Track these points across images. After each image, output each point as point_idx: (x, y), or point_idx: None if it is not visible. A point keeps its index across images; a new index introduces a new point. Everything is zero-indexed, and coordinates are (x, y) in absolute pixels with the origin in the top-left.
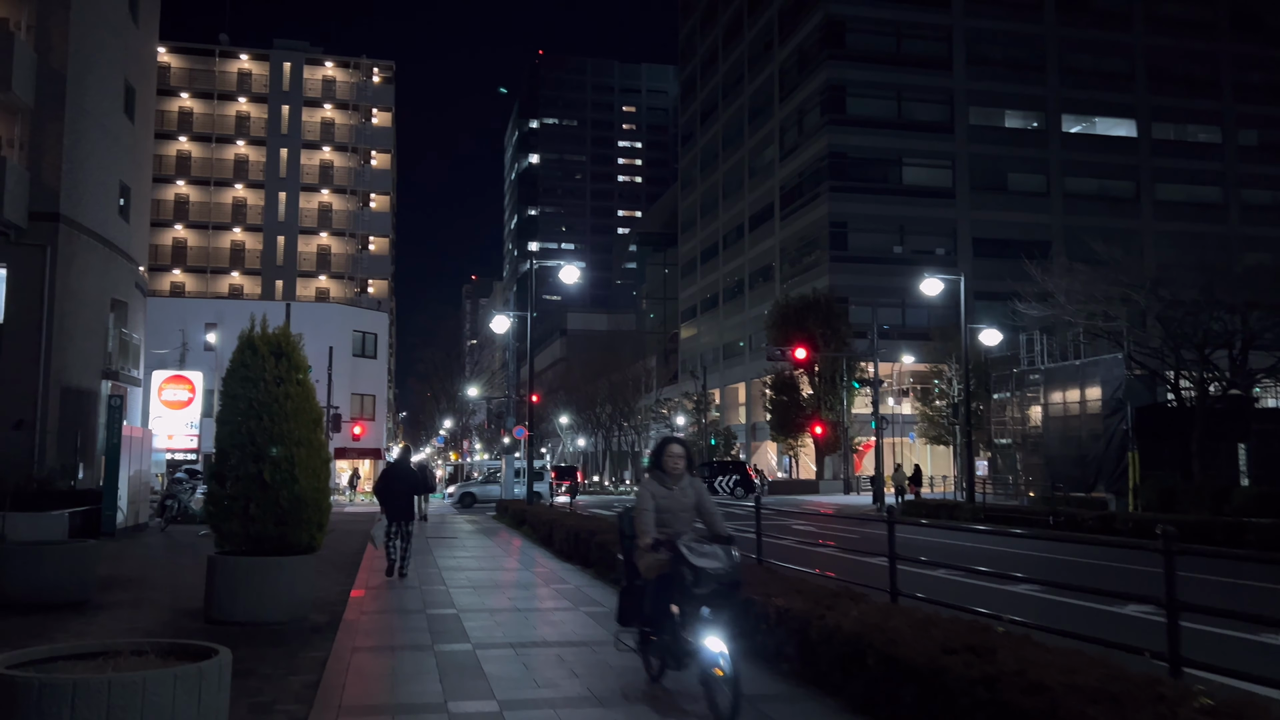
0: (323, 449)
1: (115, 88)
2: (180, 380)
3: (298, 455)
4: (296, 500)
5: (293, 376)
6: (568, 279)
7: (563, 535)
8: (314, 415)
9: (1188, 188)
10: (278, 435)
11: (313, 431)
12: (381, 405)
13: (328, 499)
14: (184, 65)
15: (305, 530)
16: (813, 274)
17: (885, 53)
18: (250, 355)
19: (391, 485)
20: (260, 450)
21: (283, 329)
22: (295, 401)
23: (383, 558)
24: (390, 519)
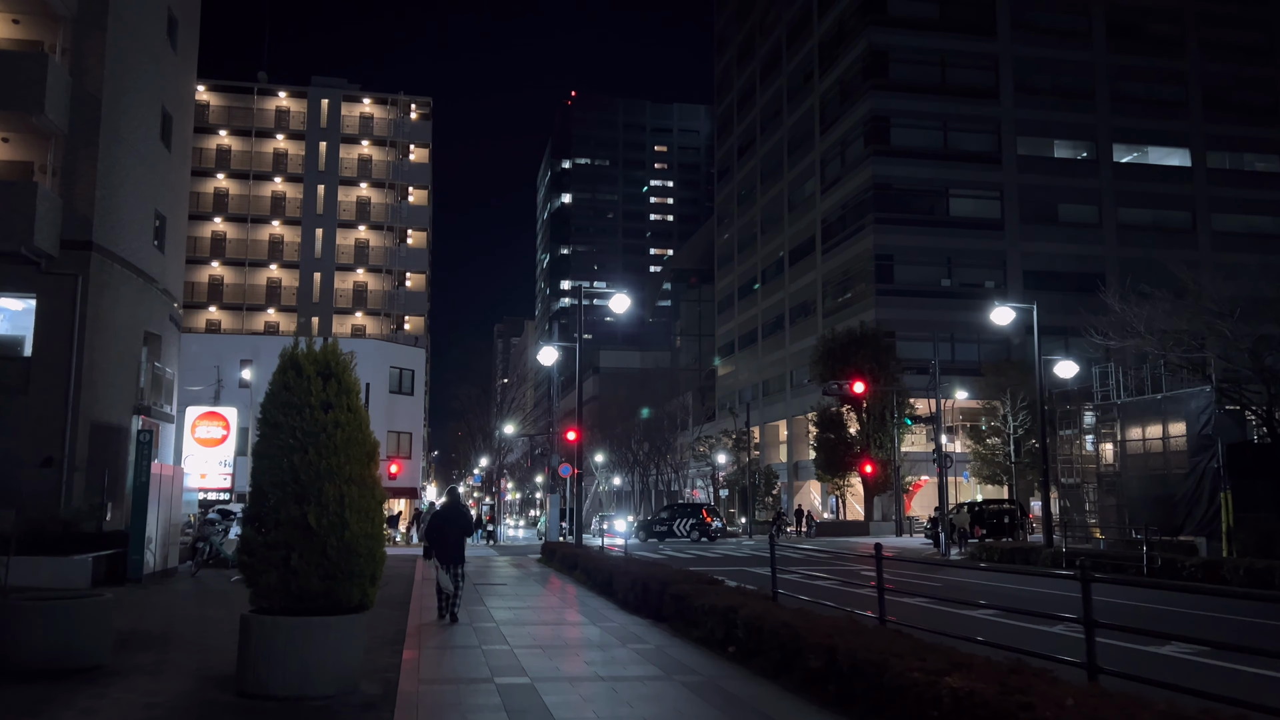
0: (376, 488)
1: (152, 114)
2: (214, 417)
3: (349, 495)
4: (347, 549)
5: (343, 402)
6: (618, 308)
7: (626, 584)
8: (368, 448)
9: (1246, 218)
10: (326, 471)
11: (366, 467)
12: (418, 444)
13: (382, 547)
14: (222, 103)
15: (356, 585)
16: (858, 308)
17: (930, 82)
18: (294, 377)
19: (444, 528)
20: (305, 489)
21: (332, 344)
22: (346, 431)
23: (431, 601)
24: (442, 562)
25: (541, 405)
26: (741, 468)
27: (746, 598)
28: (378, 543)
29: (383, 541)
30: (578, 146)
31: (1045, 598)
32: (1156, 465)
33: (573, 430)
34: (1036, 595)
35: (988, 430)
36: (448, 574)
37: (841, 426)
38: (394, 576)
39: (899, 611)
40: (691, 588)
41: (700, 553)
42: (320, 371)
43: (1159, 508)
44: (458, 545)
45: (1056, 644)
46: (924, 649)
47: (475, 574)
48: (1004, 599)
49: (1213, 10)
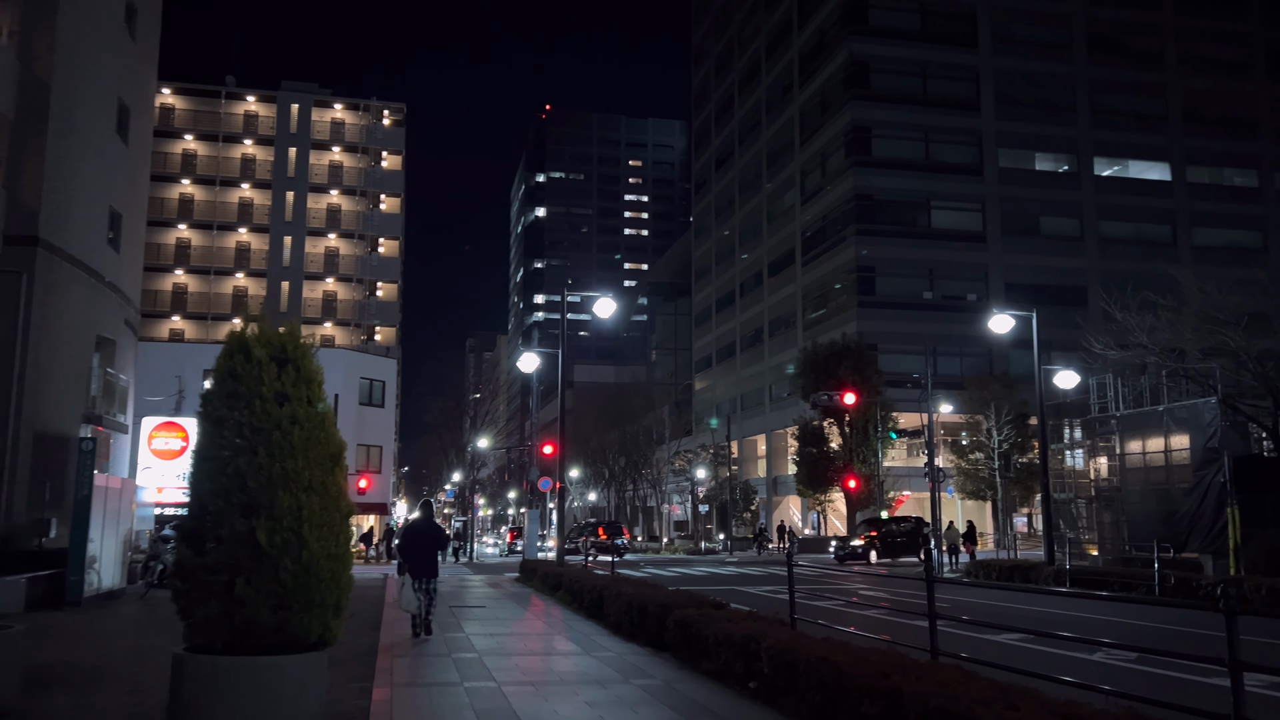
0: (342, 498)
1: (108, 106)
2: (172, 428)
3: (308, 507)
4: (305, 572)
5: (303, 394)
6: (603, 311)
7: (620, 607)
8: (332, 450)
9: (1227, 232)
10: (280, 477)
11: (329, 473)
12: (388, 457)
13: (348, 569)
14: (189, 106)
15: (316, 616)
16: (839, 320)
17: (911, 93)
18: (242, 363)
19: (415, 542)
20: (254, 499)
21: (290, 325)
22: (306, 429)
23: (404, 626)
24: (414, 576)
25: (515, 420)
26: (720, 483)
27: (765, 625)
28: (343, 564)
29: (349, 562)
30: (552, 160)
31: (1076, 621)
32: (1158, 479)
33: (550, 444)
34: (1065, 618)
35: (970, 445)
36: (417, 589)
37: (824, 440)
38: (363, 598)
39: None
40: (698, 612)
41: (684, 571)
42: (275, 356)
43: (1162, 524)
44: (430, 559)
45: (1143, 682)
46: (1011, 694)
47: (450, 595)
48: (1031, 622)
49: (1192, 25)
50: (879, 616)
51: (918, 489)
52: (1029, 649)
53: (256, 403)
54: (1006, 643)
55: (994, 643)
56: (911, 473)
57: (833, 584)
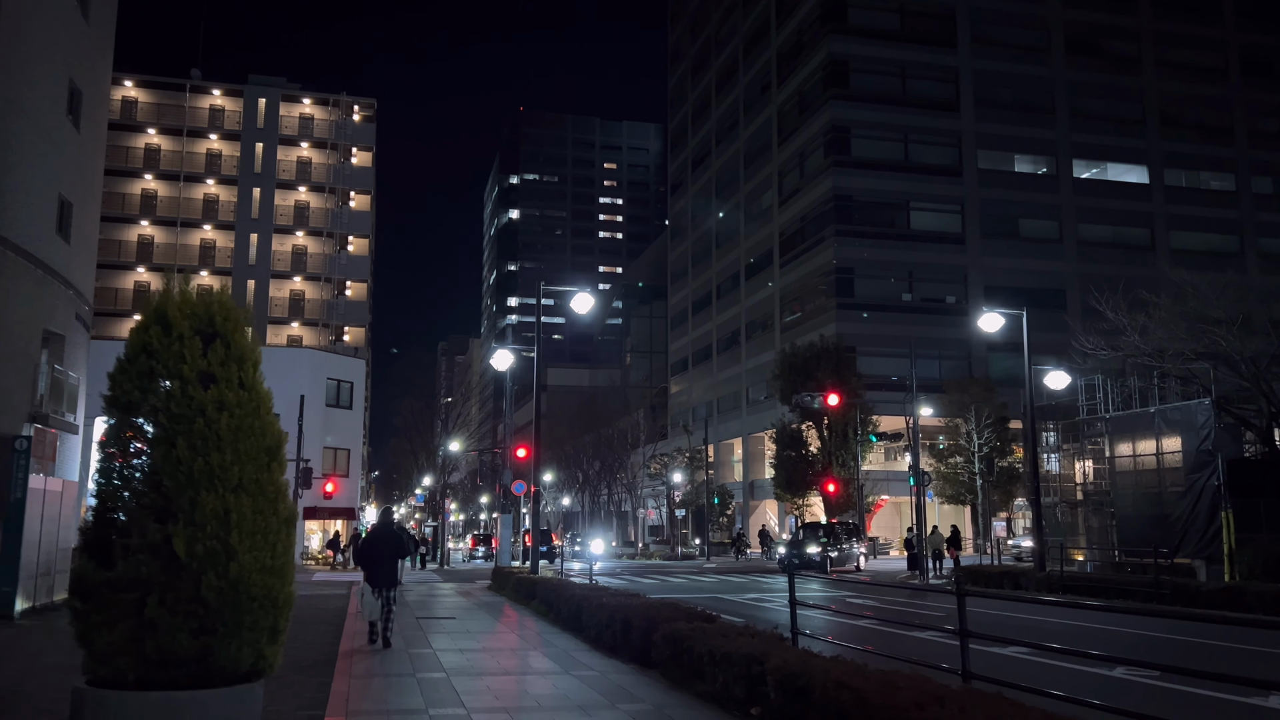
0: (281, 500)
1: (58, 88)
2: None
3: (237, 510)
4: (233, 589)
5: (233, 374)
6: (580, 307)
7: (601, 619)
8: (269, 442)
9: (1204, 236)
10: (203, 474)
11: (265, 469)
12: (356, 461)
13: (289, 585)
14: (151, 100)
15: (247, 642)
16: (817, 322)
17: (890, 93)
18: (159, 336)
19: (375, 549)
20: (170, 501)
21: (220, 293)
22: (236, 417)
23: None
24: (374, 585)
25: (488, 423)
26: (696, 487)
27: (765, 642)
28: (281, 579)
29: (289, 576)
30: (526, 162)
31: (1083, 633)
32: (1149, 482)
33: (523, 447)
34: (1069, 629)
35: (948, 448)
36: (377, 597)
37: (803, 444)
38: (323, 609)
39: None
40: (688, 626)
41: (663, 578)
42: (199, 329)
43: (1153, 528)
44: (390, 568)
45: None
46: None
47: (418, 604)
48: (1035, 633)
49: (1169, 30)
50: (873, 628)
51: (896, 493)
52: (1044, 665)
53: (175, 384)
54: (1015, 656)
55: (1001, 657)
56: (891, 476)
57: (810, 592)
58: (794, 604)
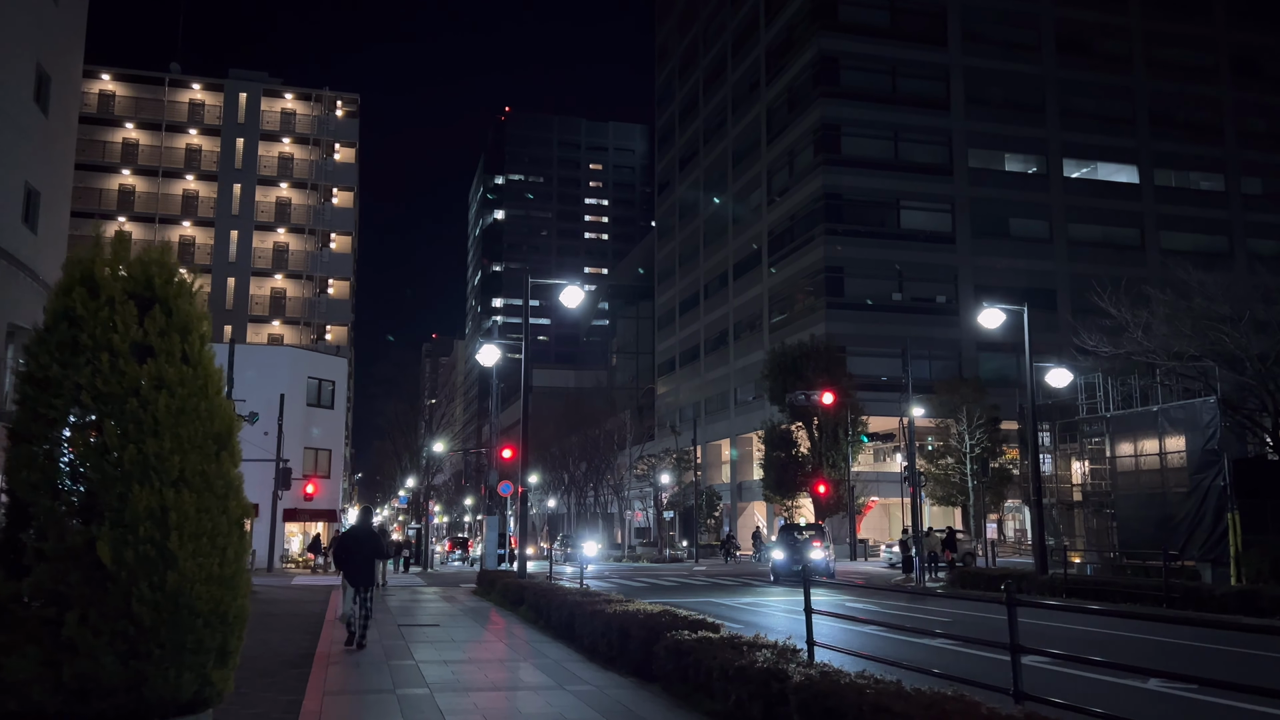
0: (233, 497)
1: (23, 71)
2: None
3: (178, 508)
4: (171, 604)
5: (175, 347)
6: (570, 301)
7: (596, 628)
8: (217, 427)
9: (1193, 236)
10: (136, 465)
11: (213, 460)
12: (338, 462)
13: (242, 598)
14: (130, 94)
15: (189, 665)
16: (807, 321)
17: (881, 91)
18: (85, 300)
19: (352, 550)
20: (96, 497)
21: (157, 250)
22: (178, 397)
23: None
24: (351, 585)
25: (472, 425)
26: (684, 488)
27: (781, 656)
28: (232, 590)
29: (242, 587)
30: (511, 163)
31: (1100, 640)
32: (1152, 483)
33: (509, 447)
34: (1084, 636)
35: (940, 449)
36: (354, 599)
37: (792, 444)
38: (299, 614)
39: (954, 663)
40: (693, 637)
41: (653, 581)
42: (135, 293)
43: (1157, 529)
44: (367, 567)
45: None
46: None
47: (400, 610)
48: (1048, 640)
49: (1159, 29)
50: (881, 634)
51: (886, 494)
52: (1072, 676)
53: (104, 358)
54: (1037, 666)
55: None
56: (881, 478)
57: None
58: (810, 612)
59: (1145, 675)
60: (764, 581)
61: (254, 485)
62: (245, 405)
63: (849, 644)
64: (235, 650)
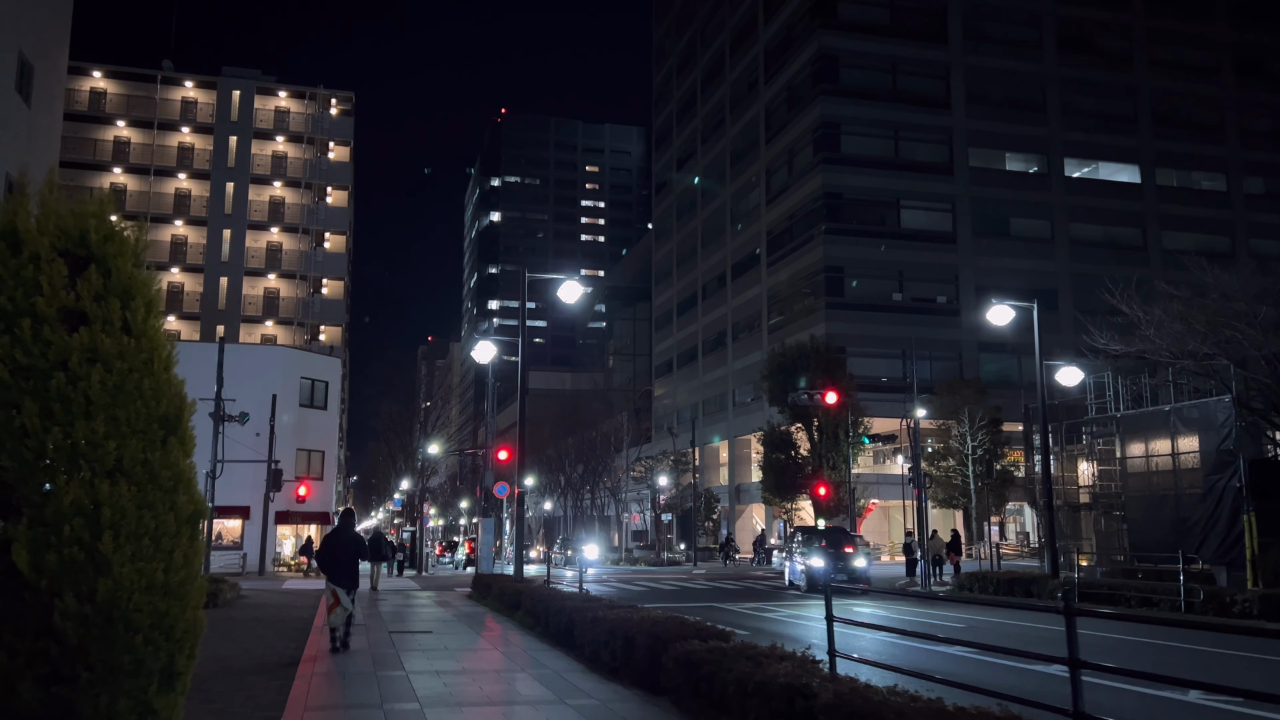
0: (185, 490)
1: (4, 59)
2: None
3: (113, 504)
4: (104, 616)
5: (113, 314)
6: (568, 296)
7: (599, 636)
8: (164, 409)
9: (1195, 236)
10: (63, 453)
11: (158, 448)
12: (331, 463)
13: (194, 607)
14: (121, 91)
15: (126, 691)
16: (806, 322)
17: (881, 89)
18: (4, 258)
19: (336, 552)
20: (12, 491)
21: (95, 201)
22: (116, 372)
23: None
24: (334, 584)
25: (468, 427)
26: (681, 490)
27: (803, 669)
28: (180, 601)
29: (195, 597)
30: (507, 165)
31: (1126, 647)
32: (1163, 484)
33: (505, 449)
34: (1111, 643)
35: (941, 451)
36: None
37: (792, 446)
38: (285, 620)
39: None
40: (704, 647)
41: (654, 585)
42: (66, 250)
43: (1169, 531)
44: (351, 569)
45: None
46: None
47: (393, 615)
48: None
49: (1161, 27)
50: (898, 642)
51: (887, 496)
52: (1107, 688)
53: (25, 324)
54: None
55: (1053, 679)
56: (881, 480)
57: (811, 603)
58: (831, 620)
59: (1185, 687)
60: (764, 584)
61: (246, 487)
62: (236, 405)
63: (865, 653)
64: (185, 671)
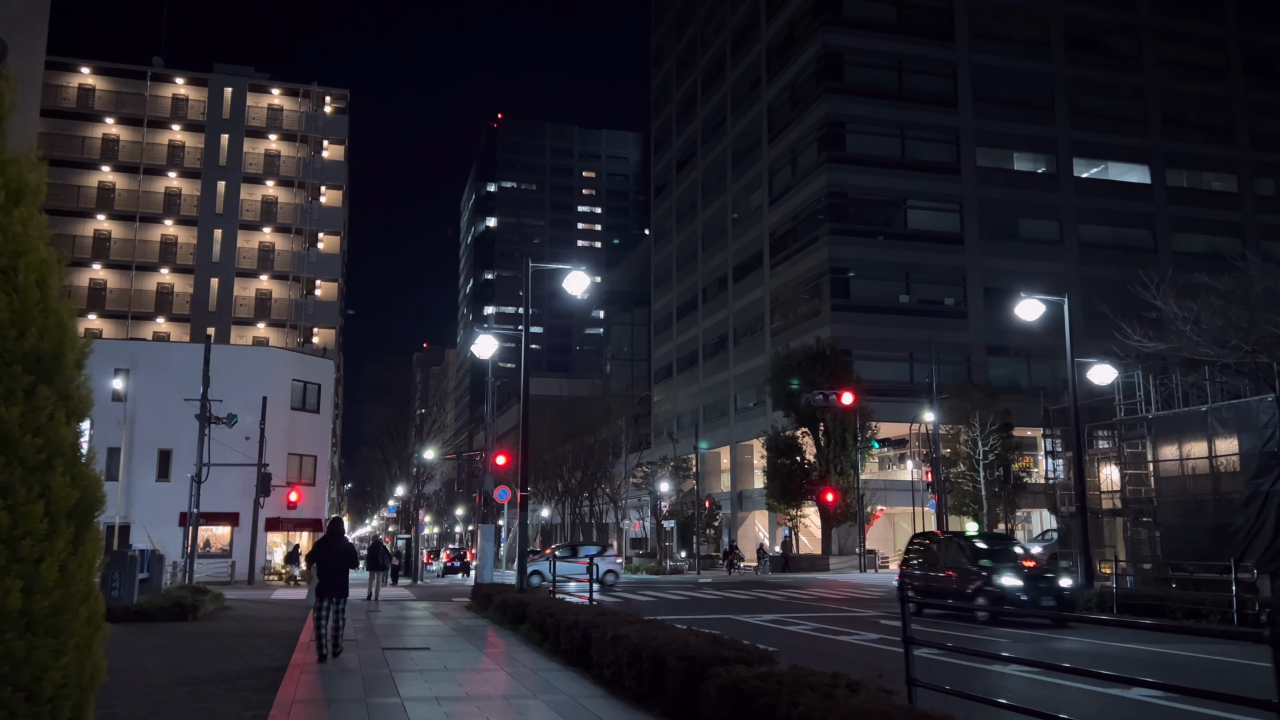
0: (67, 468)
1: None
2: None
3: None
4: None
5: None
6: (575, 287)
7: (620, 657)
8: (33, 344)
9: (1206, 238)
10: None
11: (17, 400)
12: (324, 468)
13: (83, 646)
14: (111, 88)
15: None
16: (810, 324)
17: (887, 88)
18: None
19: (325, 560)
20: None
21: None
22: None
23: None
24: (323, 595)
25: (463, 433)
26: (682, 496)
27: (876, 703)
28: (52, 640)
29: (85, 635)
30: (503, 170)
31: (1186, 665)
32: (1200, 489)
33: (503, 454)
34: (1170, 661)
35: (948, 456)
36: (325, 608)
37: (798, 451)
38: (269, 634)
39: (1064, 701)
40: (752, 674)
41: (661, 595)
42: None
43: (1209, 539)
44: (341, 578)
45: None
46: None
47: (386, 629)
48: (1130, 666)
49: (1170, 27)
50: (941, 659)
51: (894, 503)
52: (1187, 713)
53: None
54: (1147, 701)
55: (1133, 704)
56: (889, 486)
57: (843, 610)
58: (910, 643)
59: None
60: (775, 592)
61: (235, 493)
62: (224, 407)
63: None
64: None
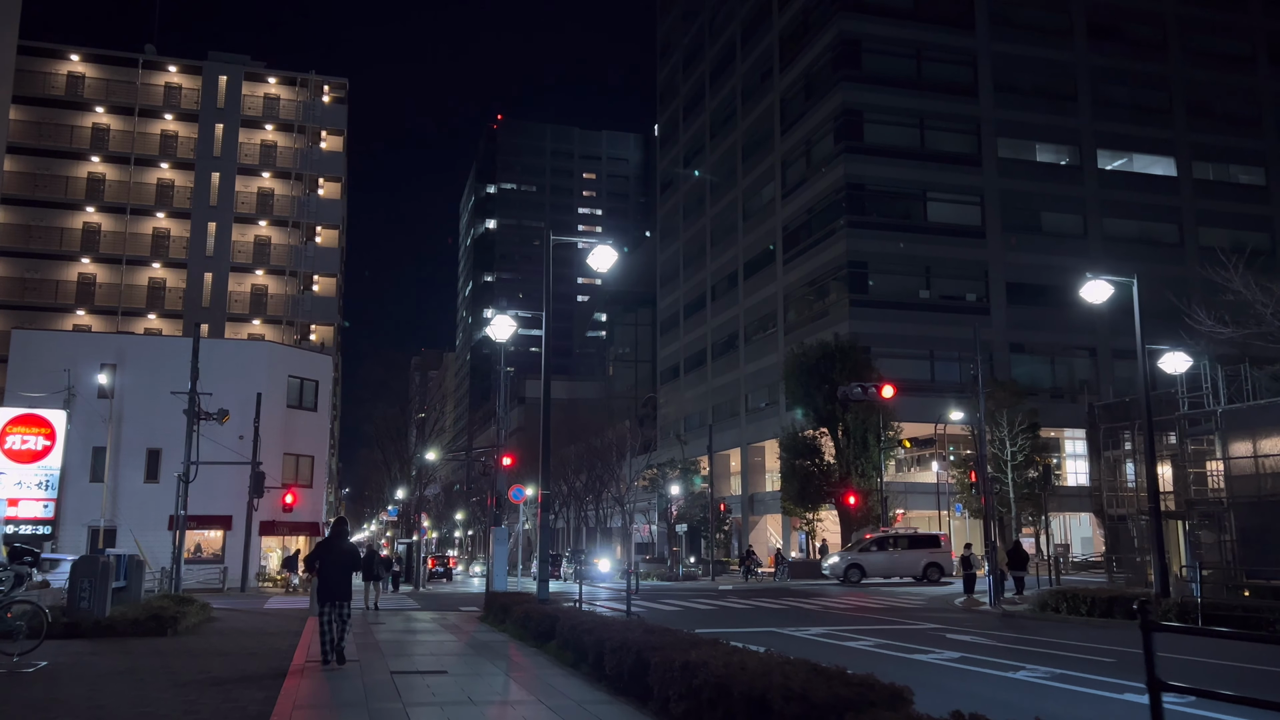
0: None
1: None
2: (33, 422)
3: None
4: None
5: None
6: (600, 263)
7: (695, 689)
8: None
9: (1232, 233)
10: None
11: None
12: (321, 469)
13: None
14: (101, 76)
15: None
16: (826, 321)
17: (905, 76)
18: None
19: (327, 562)
20: None
21: None
22: None
23: None
24: (325, 599)
25: (463, 438)
26: (691, 497)
27: None
28: None
29: None
30: (503, 172)
31: None
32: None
33: (509, 456)
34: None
35: (970, 457)
36: (329, 612)
37: (816, 452)
38: (256, 653)
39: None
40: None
41: (685, 604)
42: None
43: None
44: (341, 580)
45: None
46: None
47: (392, 645)
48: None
49: (1194, 15)
50: (1040, 682)
51: (916, 506)
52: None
53: None
54: None
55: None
56: (910, 489)
57: (891, 621)
58: (1159, 688)
59: None
60: (809, 600)
61: (227, 495)
62: (214, 402)
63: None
64: None
